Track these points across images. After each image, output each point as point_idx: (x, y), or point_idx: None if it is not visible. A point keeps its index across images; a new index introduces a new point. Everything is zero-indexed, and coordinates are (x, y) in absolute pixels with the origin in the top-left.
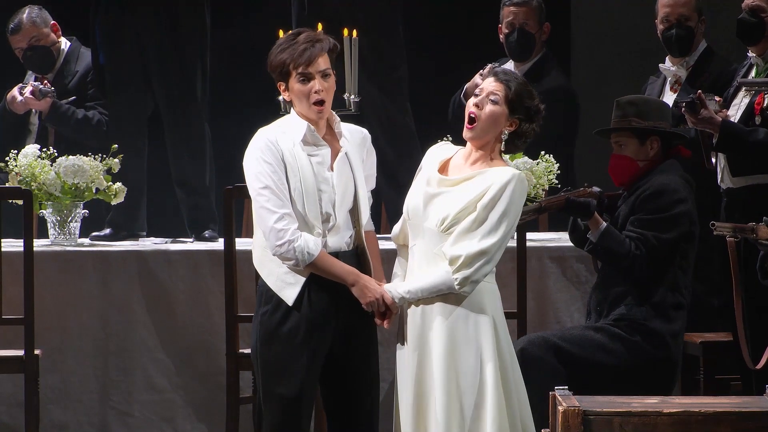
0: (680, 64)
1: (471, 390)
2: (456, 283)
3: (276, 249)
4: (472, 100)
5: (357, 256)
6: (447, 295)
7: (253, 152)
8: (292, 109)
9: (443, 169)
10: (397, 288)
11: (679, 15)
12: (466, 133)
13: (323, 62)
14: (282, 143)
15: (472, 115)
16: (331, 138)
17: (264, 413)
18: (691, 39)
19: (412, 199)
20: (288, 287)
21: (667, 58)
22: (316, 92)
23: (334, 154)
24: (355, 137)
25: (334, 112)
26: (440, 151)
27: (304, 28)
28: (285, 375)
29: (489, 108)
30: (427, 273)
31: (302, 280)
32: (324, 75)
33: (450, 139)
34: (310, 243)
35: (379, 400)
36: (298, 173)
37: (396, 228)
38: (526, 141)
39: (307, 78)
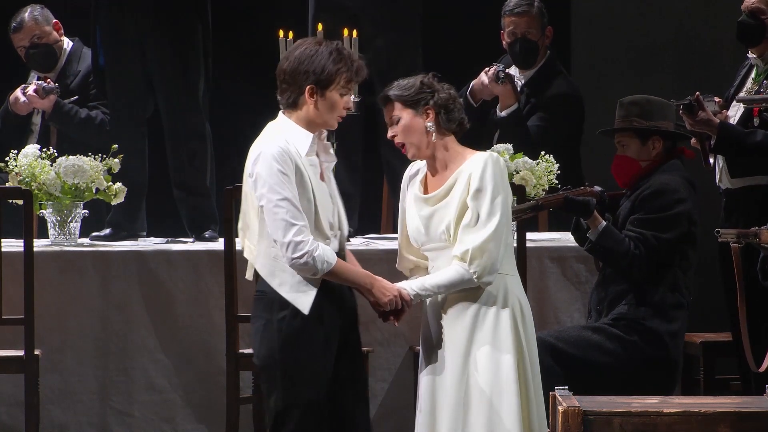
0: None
1: (488, 387)
2: (474, 276)
3: (294, 261)
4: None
5: (343, 258)
6: (467, 290)
7: (269, 163)
8: (287, 118)
9: (425, 188)
10: (411, 285)
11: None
12: (413, 158)
13: None
14: (293, 154)
15: (399, 145)
16: (319, 148)
17: (286, 419)
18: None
19: (412, 226)
20: (303, 295)
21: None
22: (346, 105)
23: (321, 164)
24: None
25: None
26: (415, 172)
27: (341, 43)
28: (312, 379)
29: (400, 126)
30: (442, 271)
31: (315, 288)
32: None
33: None
34: (328, 252)
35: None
36: (309, 184)
37: (399, 259)
38: (457, 108)
39: (348, 92)
